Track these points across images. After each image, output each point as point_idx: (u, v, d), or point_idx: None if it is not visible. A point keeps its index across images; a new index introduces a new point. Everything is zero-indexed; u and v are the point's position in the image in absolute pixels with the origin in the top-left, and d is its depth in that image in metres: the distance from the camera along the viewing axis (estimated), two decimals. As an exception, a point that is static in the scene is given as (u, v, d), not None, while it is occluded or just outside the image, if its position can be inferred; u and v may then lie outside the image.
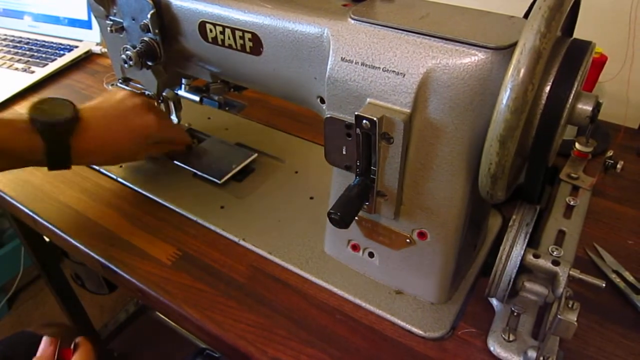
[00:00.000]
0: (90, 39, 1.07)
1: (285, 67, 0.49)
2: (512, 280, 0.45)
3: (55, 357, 0.56)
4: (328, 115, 0.45)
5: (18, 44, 1.09)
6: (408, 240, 0.49)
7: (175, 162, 0.72)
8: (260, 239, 0.60)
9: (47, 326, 0.81)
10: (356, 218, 0.51)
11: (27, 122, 0.53)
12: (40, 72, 0.97)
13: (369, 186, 0.45)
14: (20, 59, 1.02)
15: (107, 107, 0.60)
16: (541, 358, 0.43)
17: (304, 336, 0.50)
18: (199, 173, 0.70)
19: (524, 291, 0.48)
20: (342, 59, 0.42)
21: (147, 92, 0.68)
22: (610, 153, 0.69)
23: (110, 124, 0.59)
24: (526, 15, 0.40)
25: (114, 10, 0.60)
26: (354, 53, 0.42)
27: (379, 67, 0.41)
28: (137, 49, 0.57)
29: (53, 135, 0.54)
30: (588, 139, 0.61)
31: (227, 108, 0.68)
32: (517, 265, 0.45)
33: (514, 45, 0.35)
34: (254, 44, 0.50)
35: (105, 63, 1.03)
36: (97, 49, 1.05)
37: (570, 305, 0.40)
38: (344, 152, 0.46)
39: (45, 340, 0.58)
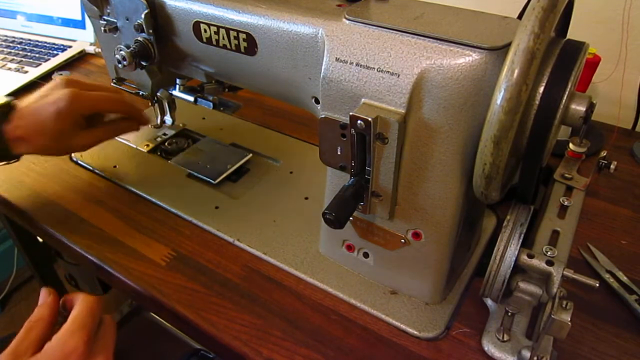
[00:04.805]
0: (84, 39, 1.07)
1: (279, 68, 0.49)
2: (506, 280, 0.45)
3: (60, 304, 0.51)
4: (323, 116, 0.45)
5: (11, 44, 1.08)
6: (403, 241, 0.49)
7: (170, 162, 0.72)
8: (254, 239, 0.60)
9: None
10: (351, 218, 0.51)
11: None
12: (34, 72, 0.96)
13: (363, 186, 0.45)
14: (13, 59, 1.02)
15: (36, 95, 0.59)
16: (535, 358, 0.43)
17: (299, 336, 0.50)
18: (194, 173, 0.70)
19: (518, 291, 0.48)
20: (337, 59, 0.42)
21: (141, 93, 0.68)
22: (604, 153, 0.69)
23: (37, 108, 0.58)
24: (520, 16, 0.40)
25: (108, 10, 0.60)
26: (349, 53, 0.42)
27: (374, 68, 0.41)
28: (131, 49, 0.57)
29: None
30: (582, 139, 0.61)
31: (221, 108, 0.67)
32: (512, 266, 0.45)
33: (508, 46, 0.35)
34: (249, 44, 0.50)
35: (99, 63, 1.03)
36: (90, 49, 1.05)
37: (564, 305, 0.40)
38: (339, 153, 0.46)
39: (43, 291, 0.52)
